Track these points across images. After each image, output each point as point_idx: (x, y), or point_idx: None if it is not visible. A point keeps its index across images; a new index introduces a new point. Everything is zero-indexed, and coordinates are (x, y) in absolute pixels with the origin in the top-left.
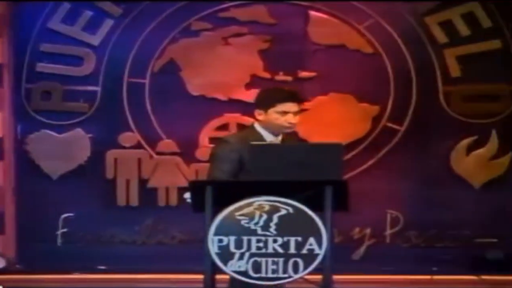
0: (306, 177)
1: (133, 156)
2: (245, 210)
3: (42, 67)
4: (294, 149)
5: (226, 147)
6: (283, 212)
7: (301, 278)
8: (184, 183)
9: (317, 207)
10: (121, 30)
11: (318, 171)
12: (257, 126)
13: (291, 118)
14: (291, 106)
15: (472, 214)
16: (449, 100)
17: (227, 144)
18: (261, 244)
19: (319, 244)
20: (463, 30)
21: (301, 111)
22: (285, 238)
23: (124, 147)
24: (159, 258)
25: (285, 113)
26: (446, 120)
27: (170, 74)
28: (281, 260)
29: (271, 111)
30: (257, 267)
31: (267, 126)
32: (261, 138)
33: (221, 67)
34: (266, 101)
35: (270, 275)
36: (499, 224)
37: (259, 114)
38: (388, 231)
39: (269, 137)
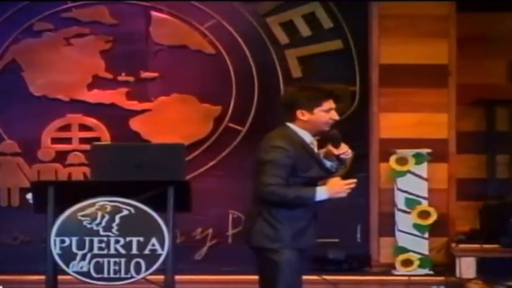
0: (148, 177)
1: None
2: (88, 211)
3: None
4: (137, 150)
5: (283, 153)
6: (125, 212)
7: (143, 278)
8: (26, 184)
9: (160, 208)
10: None
11: (161, 171)
12: (292, 126)
13: (335, 115)
14: (332, 103)
15: None
16: None
17: (284, 151)
18: (103, 245)
19: (161, 245)
20: (304, 30)
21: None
22: (127, 239)
23: None
24: (1, 259)
25: (330, 110)
26: None
27: (12, 75)
28: (123, 260)
29: (317, 110)
30: (99, 268)
31: (307, 125)
32: (302, 139)
33: (63, 67)
34: (311, 101)
35: (112, 275)
36: (340, 224)
37: (303, 114)
38: (230, 232)
39: (306, 137)
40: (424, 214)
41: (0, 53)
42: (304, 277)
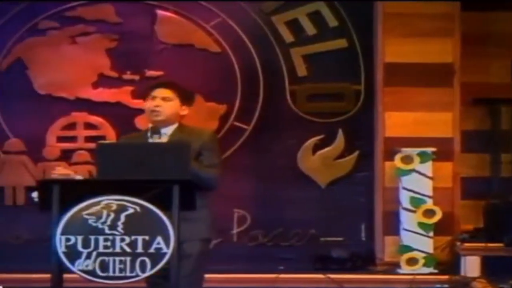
0: (154, 176)
1: None
2: (93, 209)
3: None
4: (143, 148)
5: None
6: (130, 211)
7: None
8: (31, 182)
9: (165, 206)
10: None
11: (166, 170)
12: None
13: (155, 102)
14: (160, 92)
15: (318, 213)
16: (295, 99)
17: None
18: (108, 243)
19: (167, 243)
20: (309, 29)
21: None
22: (133, 237)
23: None
24: (7, 258)
25: (154, 98)
26: (292, 119)
27: (17, 73)
28: (128, 259)
29: (147, 99)
30: (104, 266)
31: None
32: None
33: (68, 66)
34: (146, 91)
35: (117, 274)
36: (344, 223)
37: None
38: (235, 230)
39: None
40: (428, 213)
41: (5, 51)
42: (308, 275)
